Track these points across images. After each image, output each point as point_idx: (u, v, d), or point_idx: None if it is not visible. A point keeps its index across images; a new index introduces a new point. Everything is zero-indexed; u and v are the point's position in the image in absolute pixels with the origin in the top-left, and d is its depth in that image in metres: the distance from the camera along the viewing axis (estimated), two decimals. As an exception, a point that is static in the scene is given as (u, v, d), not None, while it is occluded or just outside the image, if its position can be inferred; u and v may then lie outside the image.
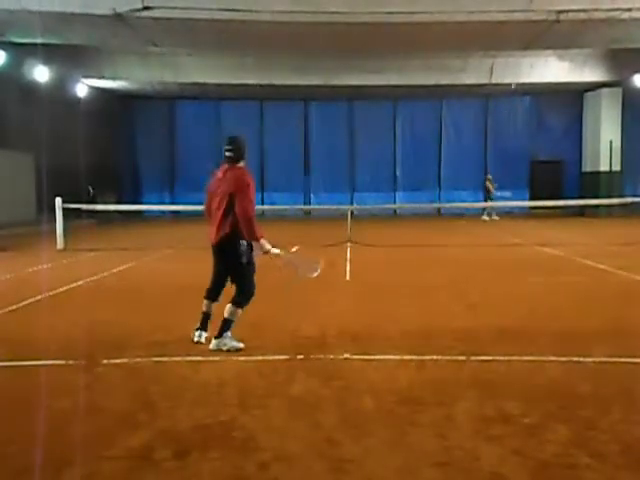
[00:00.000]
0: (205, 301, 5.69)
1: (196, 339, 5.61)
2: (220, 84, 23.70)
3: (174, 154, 28.72)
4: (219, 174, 5.59)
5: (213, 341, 5.43)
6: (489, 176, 24.94)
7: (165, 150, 28.52)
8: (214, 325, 5.54)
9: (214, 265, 5.66)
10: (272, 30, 15.90)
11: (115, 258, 12.25)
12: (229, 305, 5.42)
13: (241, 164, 5.53)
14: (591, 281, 9.19)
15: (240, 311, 5.44)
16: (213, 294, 5.66)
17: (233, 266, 5.44)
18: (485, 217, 23.65)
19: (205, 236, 5.63)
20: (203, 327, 5.65)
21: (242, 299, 5.43)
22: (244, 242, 5.35)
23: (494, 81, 23.48)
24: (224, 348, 5.36)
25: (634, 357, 5.17)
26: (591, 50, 21.78)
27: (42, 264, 11.34)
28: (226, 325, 5.40)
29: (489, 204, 23.44)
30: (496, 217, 23.68)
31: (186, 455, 3.38)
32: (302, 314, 6.96)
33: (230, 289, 5.55)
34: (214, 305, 5.69)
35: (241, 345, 5.40)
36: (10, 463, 3.36)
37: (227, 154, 5.49)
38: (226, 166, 5.54)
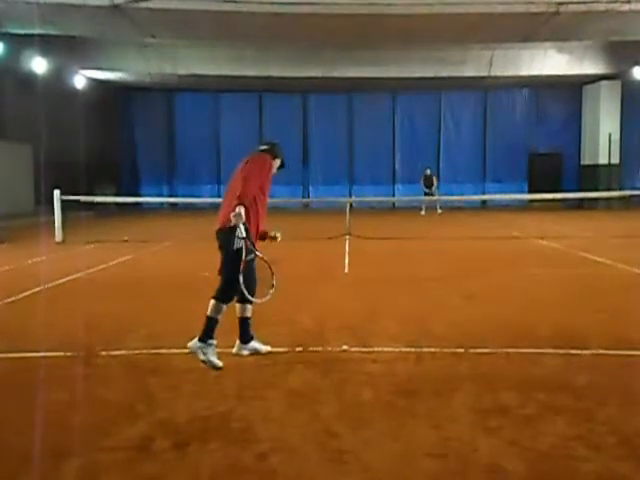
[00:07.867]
0: None
1: None
2: (219, 76, 23.60)
3: (173, 146, 28.65)
4: None
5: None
6: (427, 171, 24.04)
7: (164, 142, 28.46)
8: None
9: None
10: (271, 22, 15.86)
11: (114, 250, 12.24)
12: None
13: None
14: (589, 274, 9.20)
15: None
16: None
17: None
18: (439, 210, 23.11)
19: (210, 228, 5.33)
20: None
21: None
22: None
23: (493, 73, 23.43)
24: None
25: (631, 349, 5.18)
26: (590, 42, 21.71)
27: (40, 256, 11.32)
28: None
29: (435, 198, 23.18)
30: (440, 210, 23.21)
31: (185, 446, 3.38)
32: (301, 306, 6.96)
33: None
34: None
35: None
36: (9, 454, 3.37)
37: None
38: None
